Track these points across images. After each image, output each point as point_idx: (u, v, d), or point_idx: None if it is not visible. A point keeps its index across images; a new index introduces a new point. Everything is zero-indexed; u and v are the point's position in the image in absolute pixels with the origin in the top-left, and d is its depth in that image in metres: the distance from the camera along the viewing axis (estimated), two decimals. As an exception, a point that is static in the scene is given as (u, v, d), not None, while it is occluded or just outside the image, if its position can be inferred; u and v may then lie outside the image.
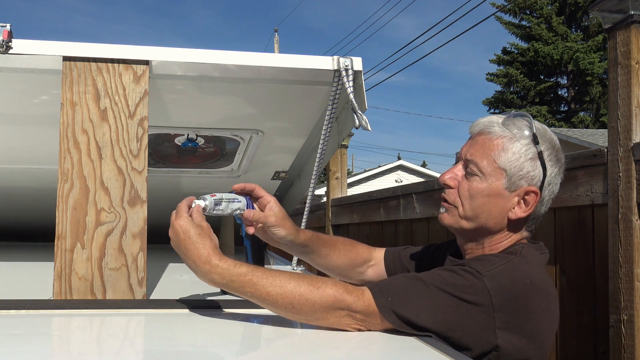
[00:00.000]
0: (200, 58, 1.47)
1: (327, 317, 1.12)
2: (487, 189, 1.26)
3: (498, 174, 1.25)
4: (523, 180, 1.25)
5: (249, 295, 1.13)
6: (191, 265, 1.17)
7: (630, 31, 2.06)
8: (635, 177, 2.03)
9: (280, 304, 1.12)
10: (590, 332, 2.25)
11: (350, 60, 1.50)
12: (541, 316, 1.20)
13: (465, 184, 1.28)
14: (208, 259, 1.15)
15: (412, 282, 1.17)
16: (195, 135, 1.95)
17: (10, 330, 1.11)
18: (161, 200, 2.39)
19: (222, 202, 1.27)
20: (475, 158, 1.26)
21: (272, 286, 1.12)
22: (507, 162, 1.24)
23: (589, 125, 22.27)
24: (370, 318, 1.13)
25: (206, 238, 1.17)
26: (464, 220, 1.29)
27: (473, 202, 1.27)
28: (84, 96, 1.38)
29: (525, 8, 23.87)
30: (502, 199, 1.26)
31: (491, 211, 1.27)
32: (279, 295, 1.11)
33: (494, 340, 1.13)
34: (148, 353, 1.06)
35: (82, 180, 1.36)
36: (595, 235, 2.24)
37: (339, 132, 1.86)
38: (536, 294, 1.20)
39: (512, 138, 1.25)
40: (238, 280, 1.13)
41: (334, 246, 1.51)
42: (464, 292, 1.13)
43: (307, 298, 1.11)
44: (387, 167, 24.83)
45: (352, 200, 4.60)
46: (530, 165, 1.25)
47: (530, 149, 1.25)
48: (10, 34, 1.37)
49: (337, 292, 1.12)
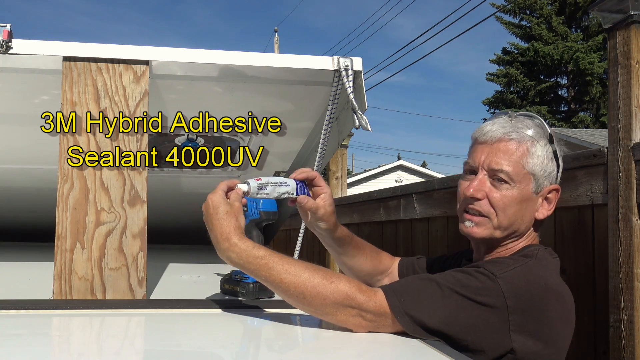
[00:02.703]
0: (200, 58, 1.47)
1: (337, 313, 1.11)
2: (519, 195, 1.26)
3: (527, 179, 1.26)
4: (547, 181, 1.28)
5: (263, 279, 1.13)
6: (213, 239, 1.18)
7: (630, 31, 2.06)
8: (635, 177, 2.03)
9: (292, 293, 1.12)
10: (590, 332, 2.25)
11: (350, 61, 1.50)
12: (557, 320, 1.18)
13: (495, 193, 1.26)
14: (228, 237, 1.15)
15: (425, 283, 1.16)
16: (195, 135, 1.95)
17: (10, 330, 1.11)
18: (161, 200, 2.39)
19: (267, 186, 1.28)
20: (502, 167, 1.25)
21: (287, 273, 1.12)
22: (534, 166, 1.25)
23: (589, 125, 22.26)
24: (381, 319, 1.12)
25: (232, 217, 1.18)
26: (498, 230, 1.27)
27: (508, 211, 1.26)
28: (84, 96, 1.38)
29: (525, 8, 23.86)
30: (532, 203, 1.28)
31: (524, 217, 1.27)
32: (292, 283, 1.11)
33: (509, 344, 1.12)
34: (148, 353, 1.06)
35: (82, 180, 1.36)
36: (595, 235, 2.24)
37: (339, 132, 1.86)
38: (551, 297, 1.18)
39: (533, 141, 1.26)
40: (254, 262, 1.13)
41: (363, 250, 1.52)
42: (478, 294, 1.12)
43: (319, 291, 1.10)
44: (387, 167, 24.82)
45: (352, 200, 4.60)
46: (551, 165, 1.27)
47: (549, 150, 1.27)
48: (10, 34, 1.37)
49: (350, 289, 1.11)
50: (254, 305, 1.36)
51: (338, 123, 1.84)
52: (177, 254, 2.62)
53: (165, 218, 2.58)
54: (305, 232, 2.00)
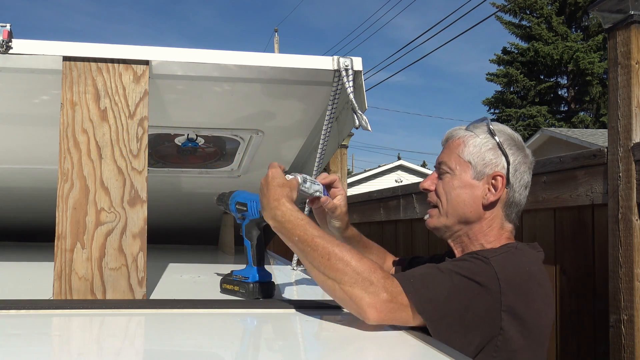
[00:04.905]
0: (200, 58, 1.47)
1: (355, 284, 1.15)
2: (458, 181, 1.42)
3: (464, 166, 1.41)
4: (488, 168, 1.40)
5: (296, 239, 1.22)
6: (264, 201, 1.28)
7: (630, 31, 2.06)
8: (635, 177, 2.03)
9: (319, 252, 1.19)
10: (590, 332, 2.25)
11: (350, 60, 1.50)
12: (539, 306, 1.28)
13: (440, 183, 1.44)
14: (279, 198, 1.27)
15: (429, 269, 1.25)
16: (195, 135, 1.95)
17: (10, 330, 1.11)
18: (161, 200, 2.39)
19: (307, 181, 1.38)
20: (444, 159, 1.44)
21: (320, 238, 1.21)
22: (469, 154, 1.41)
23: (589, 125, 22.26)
24: (395, 299, 1.16)
25: (287, 187, 1.30)
26: (445, 217, 1.43)
27: (449, 196, 1.42)
28: (84, 96, 1.38)
29: (525, 8, 23.86)
30: (473, 188, 1.41)
31: (466, 201, 1.41)
32: (322, 245, 1.19)
33: (500, 323, 1.20)
34: (148, 353, 1.06)
35: (82, 180, 1.36)
36: (595, 235, 2.24)
37: (339, 132, 1.86)
38: (535, 283, 1.28)
39: (472, 135, 1.43)
40: (294, 222, 1.23)
41: (369, 250, 1.65)
42: (476, 275, 1.21)
43: (344, 256, 1.17)
44: (387, 167, 24.82)
45: (352, 200, 4.60)
46: (492, 154, 1.41)
47: (489, 141, 1.41)
48: (10, 34, 1.37)
49: (374, 264, 1.19)
50: (254, 305, 1.36)
51: (338, 123, 1.84)
52: (177, 254, 2.62)
53: (165, 218, 2.59)
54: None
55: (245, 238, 1.46)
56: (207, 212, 2.59)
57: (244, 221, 1.47)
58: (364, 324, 1.15)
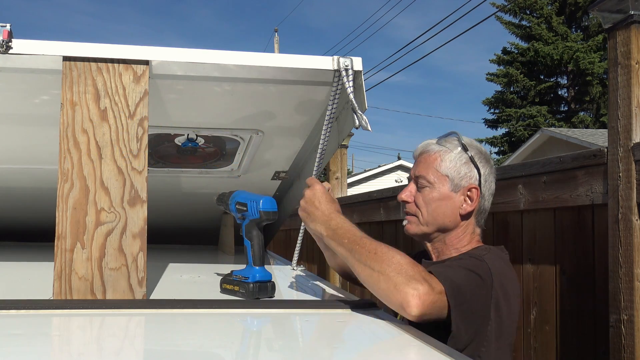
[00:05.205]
0: (200, 58, 1.47)
1: (398, 275, 1.25)
2: (438, 194, 1.56)
3: (443, 180, 1.56)
4: (464, 181, 1.56)
5: (345, 241, 1.34)
6: (317, 212, 1.42)
7: (630, 31, 2.06)
8: (635, 177, 2.03)
9: (366, 249, 1.31)
10: (590, 332, 2.25)
11: (350, 60, 1.50)
12: (512, 305, 1.45)
13: (419, 195, 1.58)
14: (332, 211, 1.42)
15: (441, 266, 1.40)
16: (195, 135, 1.95)
17: (10, 330, 1.11)
18: (161, 200, 2.39)
19: None
20: (422, 173, 1.58)
21: (367, 237, 1.34)
22: (446, 168, 1.55)
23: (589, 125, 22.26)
24: (433, 288, 1.26)
25: (336, 202, 1.46)
26: (425, 226, 1.57)
27: (429, 208, 1.56)
28: (84, 96, 1.38)
29: (525, 8, 23.87)
30: (451, 200, 1.56)
31: (445, 212, 1.56)
32: (369, 243, 1.32)
33: (490, 314, 1.37)
34: (148, 353, 1.06)
35: (82, 180, 1.36)
36: (595, 235, 2.24)
37: (339, 132, 1.86)
38: (512, 283, 1.47)
39: (447, 150, 1.57)
40: (346, 227, 1.37)
41: None
42: (476, 268, 1.38)
43: (389, 252, 1.30)
44: (387, 167, 24.82)
45: (352, 200, 4.60)
46: (466, 168, 1.56)
47: (462, 156, 1.56)
48: (10, 34, 1.37)
49: (412, 261, 1.30)
50: (254, 305, 1.36)
51: (338, 123, 1.84)
52: (177, 254, 2.62)
53: (165, 218, 2.58)
54: (305, 232, 2.00)
55: (245, 238, 1.46)
56: (207, 212, 2.59)
57: (244, 221, 1.47)
58: (364, 324, 1.15)
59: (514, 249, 2.60)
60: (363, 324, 1.22)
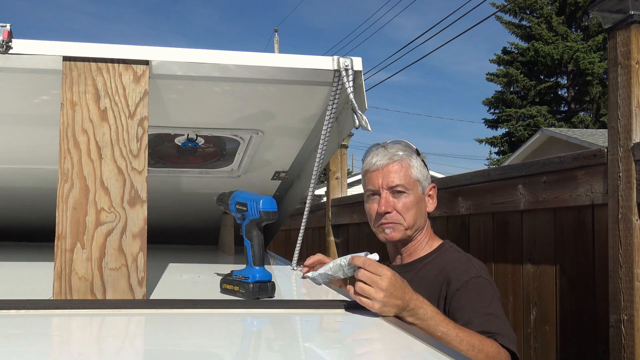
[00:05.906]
0: (200, 58, 1.47)
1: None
2: (414, 198, 1.72)
3: (415, 185, 1.73)
4: (426, 182, 1.76)
5: (439, 334, 1.36)
6: (405, 296, 1.31)
7: (630, 31, 2.06)
8: (635, 177, 2.03)
9: (464, 345, 1.37)
10: (590, 332, 2.25)
11: (350, 60, 1.50)
12: None
13: (399, 203, 1.71)
14: (417, 298, 1.36)
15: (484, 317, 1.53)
16: (195, 135, 1.95)
17: (10, 330, 1.11)
18: (161, 200, 2.39)
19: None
20: (397, 182, 1.71)
21: (461, 330, 1.39)
22: (416, 174, 1.73)
23: (589, 125, 22.26)
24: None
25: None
26: (409, 230, 1.73)
27: (410, 212, 1.71)
28: (84, 96, 1.38)
29: (525, 8, 23.86)
30: (423, 201, 1.76)
31: (421, 213, 1.75)
32: (465, 340, 1.38)
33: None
34: (148, 353, 1.06)
35: (82, 180, 1.36)
36: (595, 235, 2.24)
37: (339, 132, 1.86)
38: None
39: (410, 156, 1.74)
40: (436, 318, 1.36)
41: None
42: (493, 291, 1.60)
43: (483, 349, 1.40)
44: (387, 167, 24.72)
45: (352, 200, 4.60)
46: (425, 170, 1.76)
47: (419, 160, 1.75)
48: (10, 34, 1.37)
49: (497, 349, 1.45)
50: (254, 305, 1.36)
51: (338, 123, 1.84)
52: (177, 254, 2.62)
53: (165, 218, 2.59)
54: (305, 232, 2.00)
55: (245, 238, 1.46)
56: (207, 212, 2.59)
57: (244, 221, 1.47)
58: (363, 324, 1.15)
59: (514, 249, 2.60)
60: (363, 324, 1.22)
